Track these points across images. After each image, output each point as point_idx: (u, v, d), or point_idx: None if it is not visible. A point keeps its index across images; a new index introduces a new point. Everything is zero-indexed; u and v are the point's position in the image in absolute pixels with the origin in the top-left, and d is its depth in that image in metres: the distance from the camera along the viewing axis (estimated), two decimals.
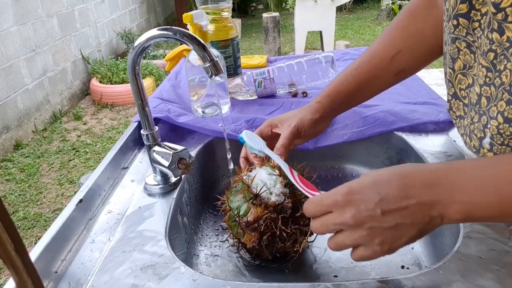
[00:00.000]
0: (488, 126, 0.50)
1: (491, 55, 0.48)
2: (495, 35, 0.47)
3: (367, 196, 0.41)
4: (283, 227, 0.55)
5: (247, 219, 0.57)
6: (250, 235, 0.58)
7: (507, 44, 0.46)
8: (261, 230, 0.56)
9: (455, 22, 0.53)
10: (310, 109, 0.69)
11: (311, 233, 0.59)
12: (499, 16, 0.46)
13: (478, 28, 0.50)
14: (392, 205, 0.40)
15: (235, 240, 0.61)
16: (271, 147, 0.63)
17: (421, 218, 0.39)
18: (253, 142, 0.61)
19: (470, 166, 0.41)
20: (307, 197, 0.50)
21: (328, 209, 0.44)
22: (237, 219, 0.58)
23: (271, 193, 0.57)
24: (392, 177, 0.41)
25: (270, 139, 0.68)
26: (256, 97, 1.03)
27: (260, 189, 0.57)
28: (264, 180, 0.58)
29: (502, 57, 0.47)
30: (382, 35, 0.69)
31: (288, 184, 0.57)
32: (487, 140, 0.51)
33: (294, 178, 0.53)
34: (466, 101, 0.56)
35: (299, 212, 0.56)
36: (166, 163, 0.63)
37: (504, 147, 0.49)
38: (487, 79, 0.49)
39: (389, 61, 0.67)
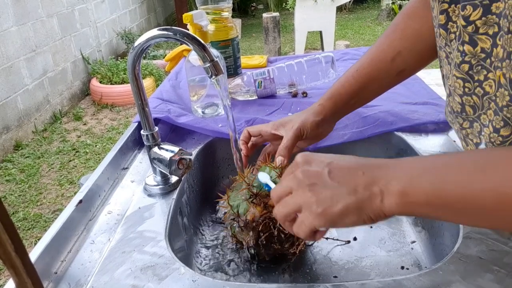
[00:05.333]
0: (482, 133, 0.50)
1: (465, 66, 0.49)
2: (467, 47, 0.48)
3: (322, 157, 0.43)
4: (281, 228, 0.55)
5: (245, 218, 0.57)
6: (248, 234, 0.58)
7: (483, 55, 0.46)
8: (259, 229, 0.56)
9: (437, 31, 0.54)
10: (312, 112, 0.70)
11: None
12: (469, 28, 0.46)
13: (454, 40, 0.50)
14: (340, 169, 0.41)
15: (233, 238, 0.61)
16: (274, 150, 0.69)
17: (362, 189, 0.39)
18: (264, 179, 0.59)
19: (422, 157, 0.42)
20: None
21: (287, 184, 0.44)
22: (235, 217, 0.58)
23: None
24: (350, 157, 0.43)
25: (272, 140, 0.72)
26: (256, 97, 1.03)
27: (261, 189, 0.57)
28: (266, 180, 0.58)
29: (479, 67, 0.47)
30: (380, 38, 0.70)
31: None
32: (482, 147, 0.51)
33: None
34: (449, 109, 0.57)
35: None
36: (166, 164, 0.64)
37: None
38: (466, 89, 0.50)
39: (390, 62, 0.68)
